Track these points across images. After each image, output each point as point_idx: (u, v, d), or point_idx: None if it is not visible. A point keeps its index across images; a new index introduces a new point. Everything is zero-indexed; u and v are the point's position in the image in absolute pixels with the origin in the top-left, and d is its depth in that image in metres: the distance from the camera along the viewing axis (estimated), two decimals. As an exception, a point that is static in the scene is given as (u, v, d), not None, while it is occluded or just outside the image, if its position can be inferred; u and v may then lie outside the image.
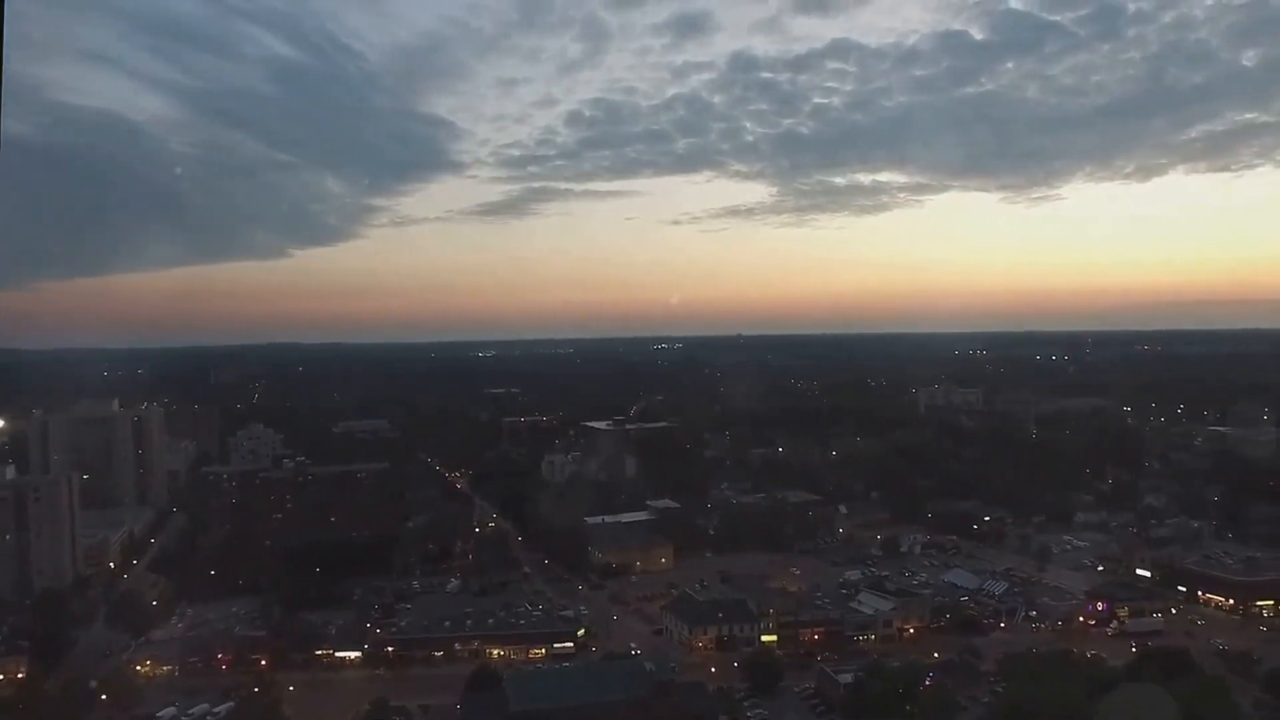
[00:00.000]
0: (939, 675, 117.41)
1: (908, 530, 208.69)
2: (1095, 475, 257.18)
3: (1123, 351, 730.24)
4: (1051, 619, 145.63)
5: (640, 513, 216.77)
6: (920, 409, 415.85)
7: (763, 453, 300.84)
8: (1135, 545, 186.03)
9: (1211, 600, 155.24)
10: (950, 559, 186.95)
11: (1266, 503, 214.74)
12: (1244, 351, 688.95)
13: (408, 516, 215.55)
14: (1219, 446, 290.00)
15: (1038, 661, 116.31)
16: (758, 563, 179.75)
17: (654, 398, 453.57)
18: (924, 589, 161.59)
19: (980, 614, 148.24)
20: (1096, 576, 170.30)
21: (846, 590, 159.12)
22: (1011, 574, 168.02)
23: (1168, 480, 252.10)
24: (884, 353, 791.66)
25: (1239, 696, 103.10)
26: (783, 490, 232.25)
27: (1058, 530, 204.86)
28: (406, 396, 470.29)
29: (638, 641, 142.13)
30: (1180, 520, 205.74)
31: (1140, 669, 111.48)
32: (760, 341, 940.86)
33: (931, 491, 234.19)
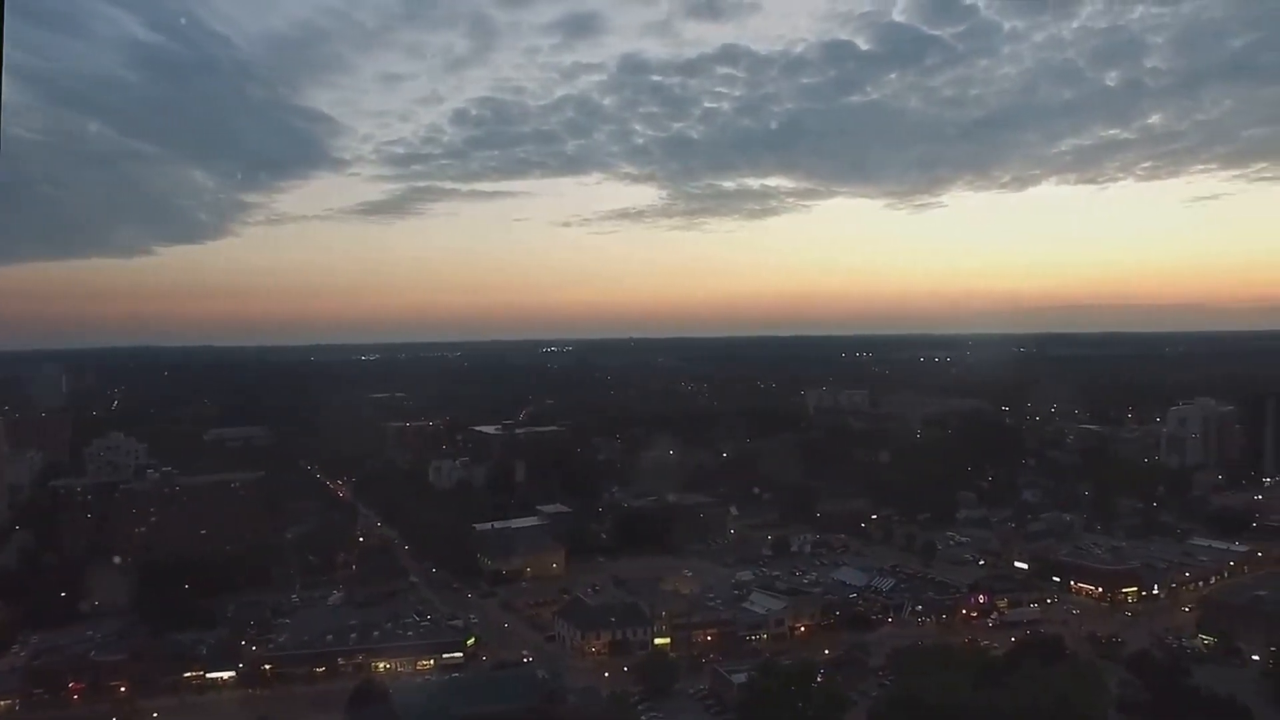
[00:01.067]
0: (830, 671, 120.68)
1: (798, 530, 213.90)
2: (976, 473, 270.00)
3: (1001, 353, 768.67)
4: (937, 612, 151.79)
5: (531, 518, 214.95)
6: (809, 410, 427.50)
7: (654, 455, 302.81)
8: (1013, 539, 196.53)
9: (1082, 589, 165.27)
10: (839, 557, 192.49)
11: (1131, 496, 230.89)
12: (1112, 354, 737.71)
13: (286, 527, 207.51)
14: (1089, 444, 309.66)
15: (924, 654, 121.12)
16: (650, 566, 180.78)
17: (544, 401, 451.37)
18: (814, 587, 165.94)
19: (869, 610, 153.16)
20: (978, 570, 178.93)
21: (739, 591, 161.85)
22: (898, 570, 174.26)
23: (1043, 476, 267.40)
24: (773, 355, 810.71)
25: (1106, 678, 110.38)
26: (675, 493, 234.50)
27: (942, 527, 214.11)
28: (284, 402, 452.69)
29: (530, 649, 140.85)
30: (1054, 514, 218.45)
31: (1019, 657, 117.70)
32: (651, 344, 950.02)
33: (821, 491, 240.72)
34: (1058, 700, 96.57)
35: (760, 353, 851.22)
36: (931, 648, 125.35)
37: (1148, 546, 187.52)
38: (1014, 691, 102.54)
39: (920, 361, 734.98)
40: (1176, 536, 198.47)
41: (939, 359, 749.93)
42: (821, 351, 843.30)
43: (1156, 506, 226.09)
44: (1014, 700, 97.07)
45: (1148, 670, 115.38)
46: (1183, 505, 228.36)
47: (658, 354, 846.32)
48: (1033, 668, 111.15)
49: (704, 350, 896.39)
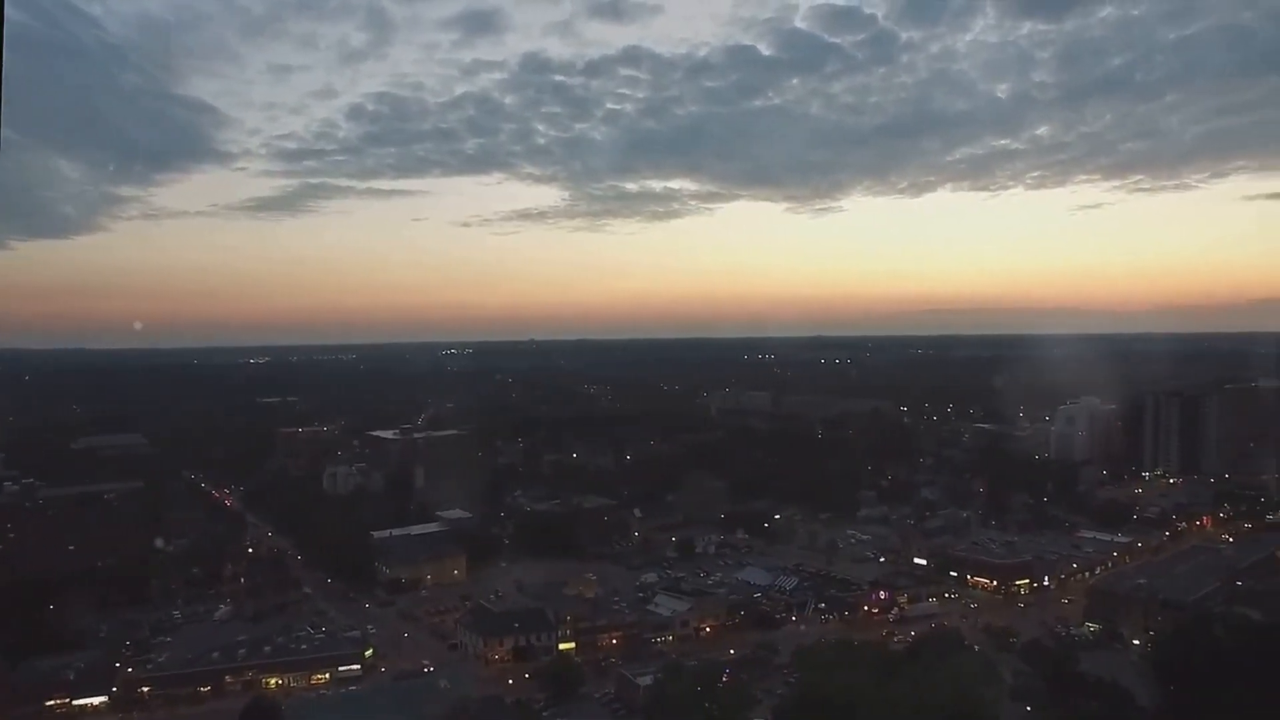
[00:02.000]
0: (736, 671, 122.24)
1: (702, 531, 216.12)
2: (876, 472, 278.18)
3: (900, 355, 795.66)
4: (839, 610, 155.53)
5: (431, 524, 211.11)
6: (712, 412, 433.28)
7: (557, 459, 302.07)
8: (912, 536, 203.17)
9: (978, 583, 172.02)
10: (744, 557, 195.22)
11: (1023, 491, 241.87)
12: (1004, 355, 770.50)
13: (167, 540, 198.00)
14: (983, 442, 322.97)
15: (827, 651, 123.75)
16: (554, 570, 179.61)
17: (444, 405, 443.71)
18: (719, 588, 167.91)
19: (773, 609, 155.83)
20: (879, 567, 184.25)
21: (643, 593, 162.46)
22: (802, 569, 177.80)
23: (940, 474, 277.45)
24: (677, 357, 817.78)
25: (1001, 668, 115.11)
26: (578, 496, 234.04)
27: (843, 525, 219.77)
28: (165, 407, 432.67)
29: (431, 658, 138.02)
30: (951, 511, 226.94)
31: (919, 650, 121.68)
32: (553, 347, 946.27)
33: (725, 492, 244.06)
34: (955, 691, 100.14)
35: (663, 355, 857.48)
36: (835, 644, 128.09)
37: (1039, 540, 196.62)
38: (914, 684, 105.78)
39: (821, 363, 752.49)
40: (1065, 530, 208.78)
41: (839, 360, 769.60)
42: (724, 353, 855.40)
43: (1046, 501, 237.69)
44: (914, 693, 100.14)
45: (1039, 659, 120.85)
46: (1070, 500, 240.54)
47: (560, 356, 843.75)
48: (932, 660, 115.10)
49: (607, 353, 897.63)
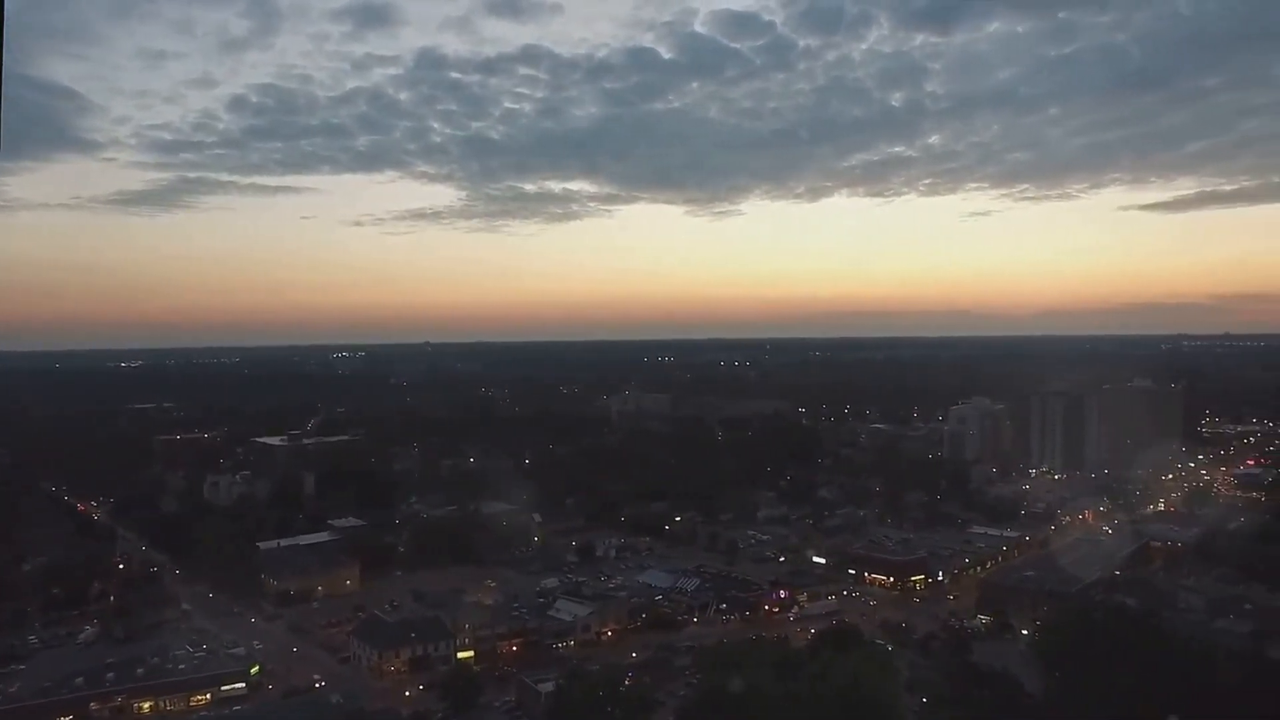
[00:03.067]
0: (638, 674, 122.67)
1: (603, 534, 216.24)
2: (776, 473, 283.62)
3: (798, 357, 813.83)
4: (740, 610, 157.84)
5: (322, 533, 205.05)
6: (612, 415, 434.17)
7: (454, 463, 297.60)
8: (811, 535, 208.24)
9: (876, 580, 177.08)
10: (645, 560, 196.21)
11: (918, 490, 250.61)
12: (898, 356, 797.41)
13: (21, 558, 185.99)
14: (880, 442, 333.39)
15: (729, 651, 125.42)
16: (452, 577, 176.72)
17: (335, 410, 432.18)
18: (620, 591, 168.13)
19: (675, 611, 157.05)
20: (779, 566, 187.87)
21: (544, 598, 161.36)
22: (703, 570, 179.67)
23: (838, 474, 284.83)
24: (576, 360, 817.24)
25: (897, 661, 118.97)
26: (476, 501, 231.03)
27: (743, 525, 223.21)
28: (20, 415, 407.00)
29: (322, 672, 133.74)
30: (849, 510, 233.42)
31: (818, 647, 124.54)
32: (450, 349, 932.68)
33: (625, 495, 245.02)
34: (854, 685, 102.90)
35: (563, 357, 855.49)
36: (736, 644, 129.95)
37: (933, 536, 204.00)
38: (814, 681, 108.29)
39: (721, 365, 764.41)
40: (958, 526, 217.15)
41: (739, 363, 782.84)
42: (624, 356, 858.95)
43: (940, 499, 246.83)
44: (814, 689, 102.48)
45: (935, 651, 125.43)
46: (963, 497, 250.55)
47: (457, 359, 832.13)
48: (831, 657, 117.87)
49: (505, 355, 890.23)
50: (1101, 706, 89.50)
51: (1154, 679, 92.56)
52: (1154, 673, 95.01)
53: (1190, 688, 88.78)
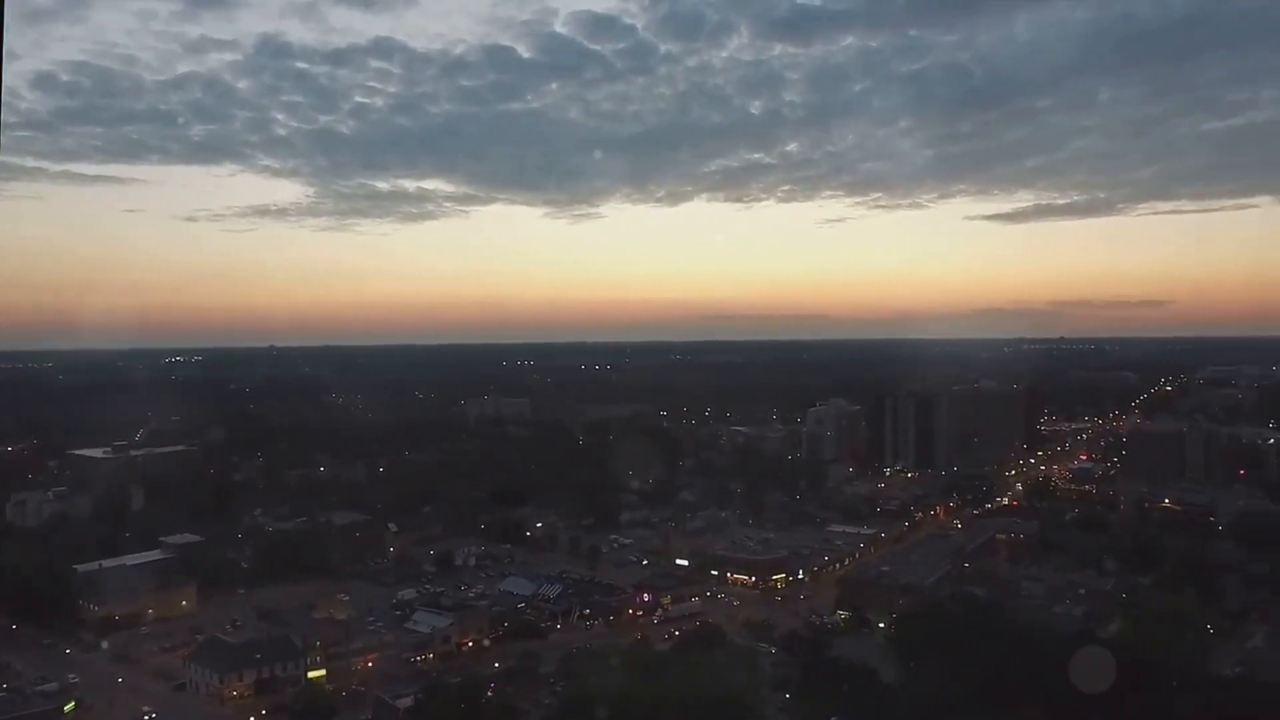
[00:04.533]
0: (501, 684, 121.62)
1: (462, 542, 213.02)
2: (638, 476, 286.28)
3: (659, 361, 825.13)
4: (604, 614, 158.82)
5: (153, 551, 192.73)
6: (470, 420, 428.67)
7: (303, 473, 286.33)
8: (674, 538, 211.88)
9: (738, 580, 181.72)
10: (506, 567, 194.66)
11: (777, 490, 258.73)
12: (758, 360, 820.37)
13: None
14: (740, 444, 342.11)
15: (593, 656, 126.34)
16: (301, 593, 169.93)
17: (169, 418, 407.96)
18: (481, 600, 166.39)
19: (538, 618, 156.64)
20: (642, 570, 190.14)
21: (401, 611, 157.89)
22: (565, 576, 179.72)
23: (700, 476, 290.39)
24: (432, 364, 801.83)
25: (760, 658, 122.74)
26: (326, 512, 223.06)
27: (606, 530, 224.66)
28: None
29: (153, 703, 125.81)
30: (711, 512, 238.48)
31: (683, 649, 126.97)
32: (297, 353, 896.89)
33: (485, 502, 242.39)
34: (718, 684, 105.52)
35: (418, 361, 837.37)
36: (600, 649, 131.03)
37: (793, 535, 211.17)
38: (679, 681, 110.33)
39: (582, 369, 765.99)
40: (817, 525, 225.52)
41: (600, 366, 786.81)
42: (483, 360, 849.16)
43: (799, 499, 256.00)
44: (678, 690, 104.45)
45: (796, 648, 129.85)
46: (821, 496, 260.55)
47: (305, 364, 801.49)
48: (695, 657, 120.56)
49: (357, 359, 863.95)
50: (953, 692, 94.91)
51: (1000, 663, 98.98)
52: (999, 657, 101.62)
53: (1031, 669, 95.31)
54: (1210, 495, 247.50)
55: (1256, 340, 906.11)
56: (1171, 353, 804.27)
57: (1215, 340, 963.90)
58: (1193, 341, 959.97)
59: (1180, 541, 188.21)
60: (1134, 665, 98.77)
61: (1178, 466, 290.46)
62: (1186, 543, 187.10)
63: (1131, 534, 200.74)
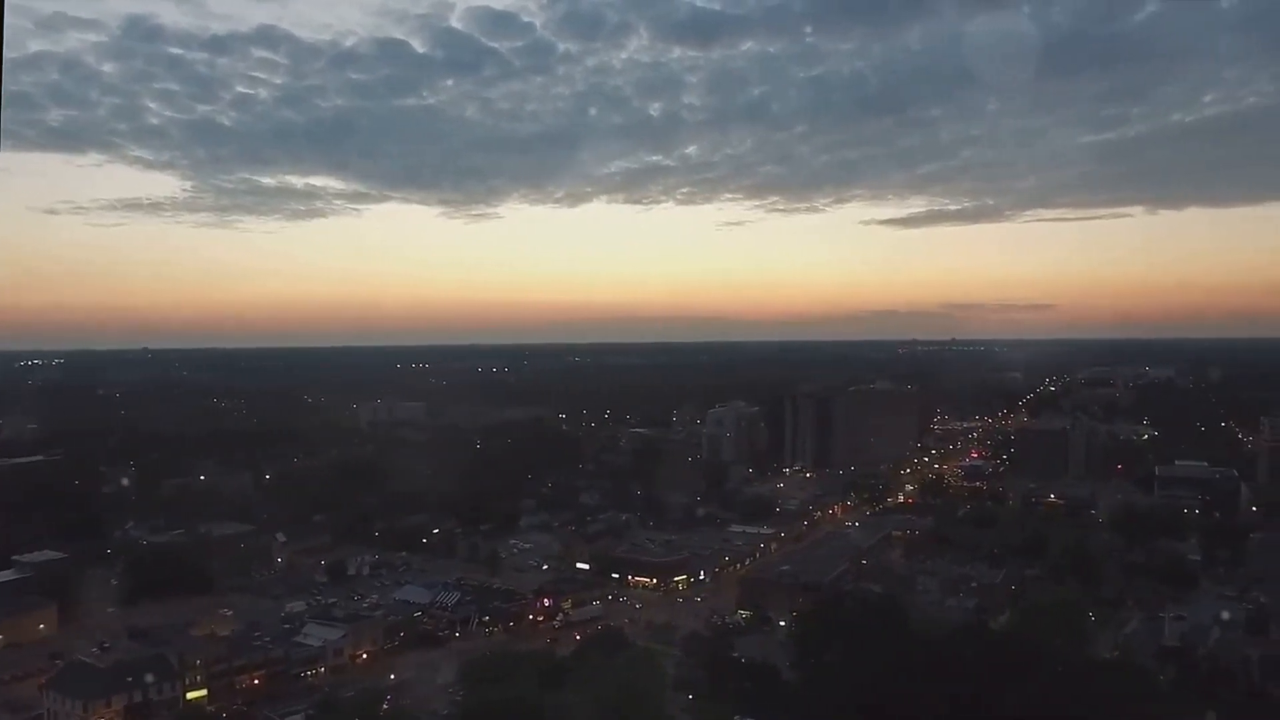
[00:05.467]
0: (397, 696, 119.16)
1: (356, 551, 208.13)
2: (537, 480, 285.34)
3: (558, 363, 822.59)
4: (504, 621, 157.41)
5: (6, 571, 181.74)
6: (363, 425, 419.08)
7: (180, 483, 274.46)
8: (574, 541, 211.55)
9: (640, 582, 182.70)
10: (401, 576, 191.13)
11: (678, 491, 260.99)
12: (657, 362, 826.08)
13: None
14: (640, 446, 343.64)
15: (493, 664, 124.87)
16: (179, 610, 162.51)
17: (24, 425, 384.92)
18: (376, 610, 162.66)
19: (435, 627, 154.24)
20: (543, 575, 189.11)
21: (290, 624, 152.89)
22: (464, 583, 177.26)
23: (600, 479, 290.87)
24: (322, 367, 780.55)
25: (663, 660, 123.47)
26: (207, 524, 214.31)
27: (505, 535, 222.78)
28: None
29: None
30: (611, 514, 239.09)
31: (584, 653, 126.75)
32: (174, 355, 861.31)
33: (379, 508, 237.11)
34: (620, 688, 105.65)
35: (307, 364, 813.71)
36: (500, 656, 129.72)
37: (694, 537, 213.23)
38: (580, 687, 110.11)
39: (479, 372, 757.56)
40: (717, 525, 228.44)
41: (497, 369, 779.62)
42: (376, 362, 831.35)
43: (700, 500, 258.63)
44: (580, 695, 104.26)
45: (698, 648, 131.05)
46: (722, 497, 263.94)
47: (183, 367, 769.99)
48: (597, 661, 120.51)
49: (242, 362, 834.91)
50: (852, 685, 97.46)
51: (896, 656, 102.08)
52: (896, 650, 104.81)
53: (927, 660, 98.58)
54: (1091, 489, 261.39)
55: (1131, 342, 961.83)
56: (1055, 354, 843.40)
57: (1094, 342, 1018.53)
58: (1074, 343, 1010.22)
59: (1064, 534, 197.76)
60: (1021, 653, 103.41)
61: (1061, 462, 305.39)
62: (1070, 535, 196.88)
63: (1020, 528, 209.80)
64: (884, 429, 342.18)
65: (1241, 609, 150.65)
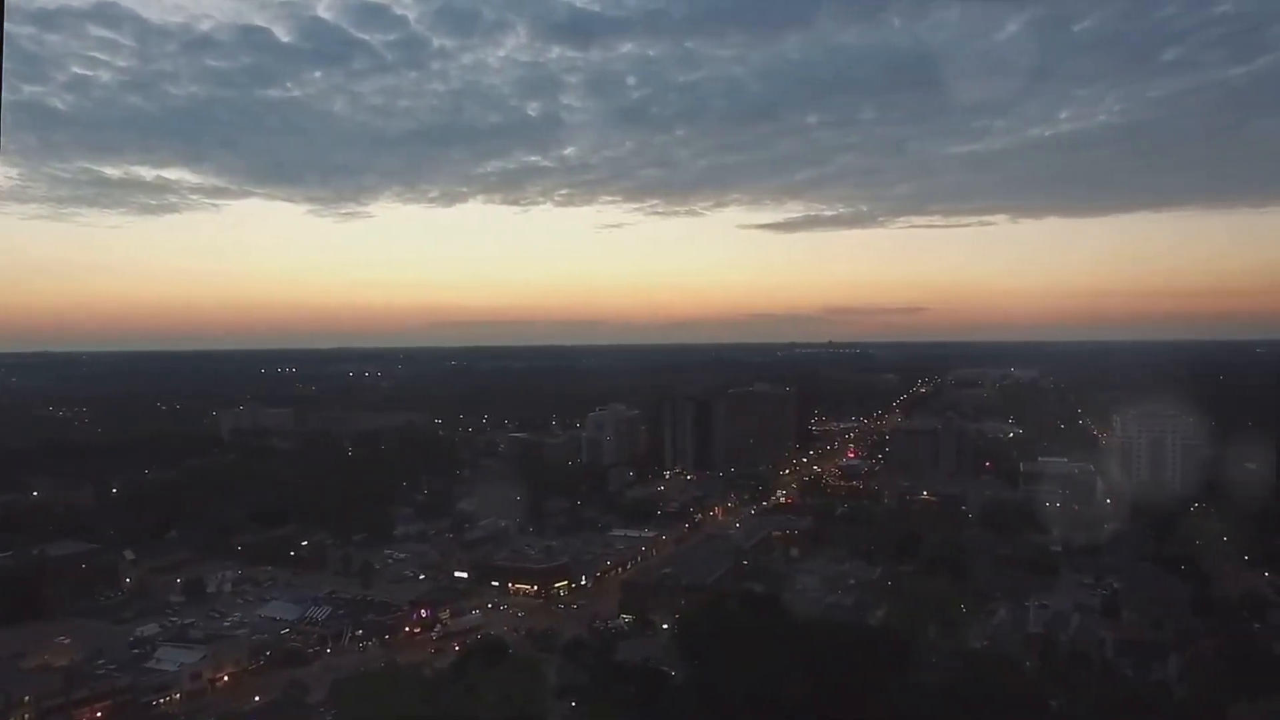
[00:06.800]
0: (262, 718, 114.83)
1: (216, 567, 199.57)
2: (413, 487, 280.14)
3: (434, 367, 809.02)
4: (379, 634, 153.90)
5: None
6: (224, 432, 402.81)
7: (9, 500, 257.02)
8: (452, 550, 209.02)
9: (521, 589, 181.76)
10: (268, 591, 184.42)
11: (559, 496, 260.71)
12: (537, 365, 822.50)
13: None
14: (519, 451, 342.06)
15: (367, 680, 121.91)
16: (10, 639, 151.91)
17: None
18: (239, 629, 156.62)
19: (305, 644, 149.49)
20: (420, 585, 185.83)
21: (140, 649, 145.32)
22: (335, 596, 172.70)
23: (478, 485, 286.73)
24: (177, 372, 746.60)
25: (545, 667, 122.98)
26: (42, 543, 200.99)
27: (380, 545, 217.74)
28: None
29: None
30: (490, 521, 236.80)
31: (464, 664, 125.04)
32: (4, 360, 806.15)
33: (243, 521, 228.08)
34: (501, 699, 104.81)
35: (160, 369, 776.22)
36: (375, 672, 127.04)
37: (575, 541, 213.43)
38: (460, 699, 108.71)
39: (350, 376, 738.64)
40: (599, 530, 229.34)
41: (370, 373, 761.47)
42: (238, 367, 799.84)
43: (581, 504, 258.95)
44: (460, 707, 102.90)
45: (581, 654, 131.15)
46: (603, 501, 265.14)
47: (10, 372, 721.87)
48: (478, 672, 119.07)
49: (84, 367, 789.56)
50: (735, 684, 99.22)
51: (778, 654, 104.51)
52: (778, 648, 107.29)
53: (807, 657, 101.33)
54: (961, 486, 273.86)
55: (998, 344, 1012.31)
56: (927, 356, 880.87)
57: (964, 344, 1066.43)
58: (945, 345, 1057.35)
59: (937, 530, 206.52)
60: (898, 645, 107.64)
61: (933, 461, 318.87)
62: (942, 530, 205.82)
63: (895, 525, 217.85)
64: (763, 430, 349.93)
65: (1097, 596, 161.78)
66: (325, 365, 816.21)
